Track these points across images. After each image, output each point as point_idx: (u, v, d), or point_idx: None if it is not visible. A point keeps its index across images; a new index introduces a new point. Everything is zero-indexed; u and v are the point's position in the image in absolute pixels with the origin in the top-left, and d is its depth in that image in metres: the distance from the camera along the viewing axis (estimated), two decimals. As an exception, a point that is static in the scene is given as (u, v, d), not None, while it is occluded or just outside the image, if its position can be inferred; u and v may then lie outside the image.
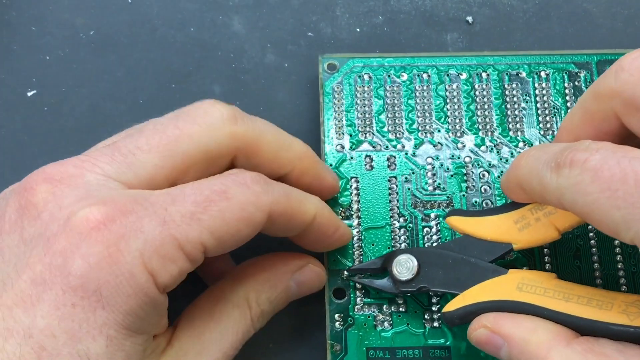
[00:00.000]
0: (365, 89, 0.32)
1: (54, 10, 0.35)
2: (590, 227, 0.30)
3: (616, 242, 0.30)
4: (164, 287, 0.22)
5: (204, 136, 0.24)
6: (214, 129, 0.24)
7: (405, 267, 0.28)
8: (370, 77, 0.32)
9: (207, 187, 0.23)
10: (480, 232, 0.27)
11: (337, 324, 0.29)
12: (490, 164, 0.30)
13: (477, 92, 0.31)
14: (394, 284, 0.28)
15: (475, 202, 0.30)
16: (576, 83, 0.32)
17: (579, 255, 0.29)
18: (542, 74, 0.32)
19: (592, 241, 0.29)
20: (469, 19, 0.35)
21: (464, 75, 0.32)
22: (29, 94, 0.34)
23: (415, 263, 0.28)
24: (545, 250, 0.29)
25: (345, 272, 0.29)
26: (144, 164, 0.23)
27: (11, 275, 0.21)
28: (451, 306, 0.26)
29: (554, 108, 0.31)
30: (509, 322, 0.24)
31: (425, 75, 0.32)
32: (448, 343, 0.29)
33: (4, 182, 0.32)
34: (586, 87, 0.32)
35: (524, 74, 0.32)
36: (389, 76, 0.31)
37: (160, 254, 0.21)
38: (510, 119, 0.31)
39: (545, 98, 0.31)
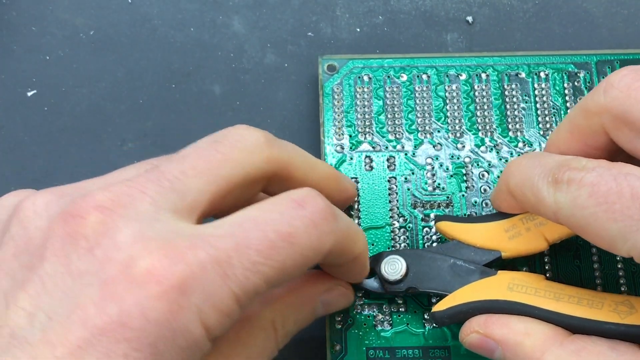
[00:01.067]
0: (365, 89, 0.31)
1: (54, 10, 0.35)
2: None
3: None
4: (214, 338, 0.20)
5: (244, 160, 0.22)
6: (253, 153, 0.23)
7: (393, 267, 0.27)
8: (369, 78, 0.32)
9: (273, 229, 0.20)
10: (470, 238, 0.27)
11: (336, 323, 0.29)
12: (490, 164, 0.30)
13: (476, 93, 0.31)
14: (382, 284, 0.28)
15: (475, 202, 0.30)
16: (575, 83, 0.31)
17: (579, 255, 0.29)
18: (542, 74, 0.31)
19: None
20: (469, 19, 0.34)
21: (464, 76, 0.31)
22: (29, 94, 0.34)
23: (404, 264, 0.27)
24: (545, 250, 0.29)
25: None
26: (190, 190, 0.21)
27: (58, 312, 0.19)
28: (441, 306, 0.26)
29: (553, 108, 0.31)
30: (500, 325, 0.24)
31: (424, 76, 0.31)
32: (448, 343, 0.28)
33: (4, 182, 0.32)
34: (585, 88, 0.31)
35: (523, 75, 0.31)
36: (388, 77, 0.31)
37: (218, 309, 0.20)
38: (509, 119, 0.31)
39: (544, 98, 0.31)
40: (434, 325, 0.28)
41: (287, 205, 0.21)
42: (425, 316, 0.29)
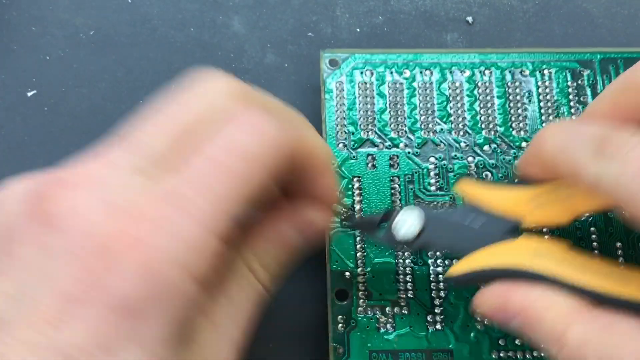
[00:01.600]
0: (367, 86, 0.31)
1: (54, 10, 0.34)
2: (590, 220, 0.29)
3: (619, 244, 0.29)
4: (202, 280, 0.20)
5: (203, 107, 0.22)
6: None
7: (407, 225, 0.25)
8: (372, 74, 0.31)
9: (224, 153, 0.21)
10: (491, 202, 0.25)
11: (339, 325, 0.28)
12: (493, 164, 0.29)
13: (480, 91, 0.30)
14: (391, 240, 0.25)
15: (479, 202, 0.29)
16: (579, 82, 0.31)
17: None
18: (545, 72, 0.30)
19: (595, 243, 0.28)
20: (469, 19, 0.34)
21: (467, 73, 0.31)
22: (29, 94, 0.33)
23: (418, 224, 0.25)
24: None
25: (347, 274, 0.28)
26: (156, 148, 0.21)
27: (35, 290, 0.18)
28: (457, 269, 0.24)
29: (557, 107, 0.30)
30: (522, 294, 0.22)
31: (428, 73, 0.30)
32: (451, 346, 0.27)
33: (3, 182, 0.31)
34: (589, 86, 0.31)
35: (527, 72, 0.31)
36: (391, 73, 0.30)
37: (196, 251, 0.19)
38: (513, 118, 0.30)
39: (548, 97, 0.30)
40: (438, 327, 0.28)
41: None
42: (428, 318, 0.28)
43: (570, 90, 0.31)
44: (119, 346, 0.18)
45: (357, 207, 0.29)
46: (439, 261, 0.29)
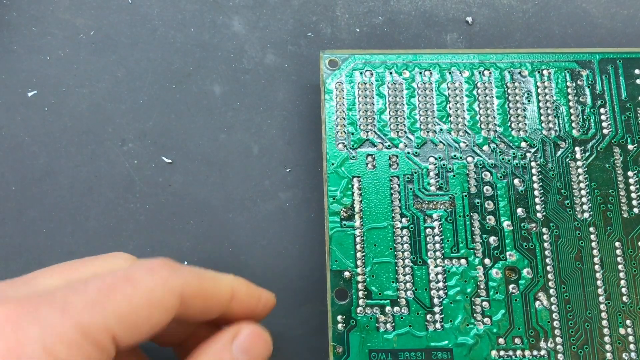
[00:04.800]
0: (367, 86, 0.30)
1: (54, 11, 0.33)
2: (592, 229, 0.29)
3: (617, 244, 0.28)
4: None
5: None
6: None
7: None
8: (372, 74, 0.30)
9: (111, 276, 0.21)
10: None
11: (339, 325, 0.28)
12: (492, 164, 0.29)
13: (479, 91, 0.30)
14: None
15: (478, 202, 0.28)
16: (578, 82, 0.30)
17: (580, 257, 0.28)
18: (545, 72, 0.30)
19: (593, 243, 0.28)
20: (469, 19, 0.33)
21: (466, 73, 0.30)
22: (30, 94, 0.33)
23: None
24: (547, 252, 0.28)
25: (346, 273, 0.28)
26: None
27: None
28: None
29: (556, 107, 0.29)
30: None
31: (427, 73, 0.30)
32: (450, 345, 0.27)
33: (4, 182, 0.30)
34: (588, 86, 0.30)
35: (526, 73, 0.30)
36: (390, 73, 0.30)
37: (64, 342, 0.20)
38: (512, 118, 0.29)
39: (547, 97, 0.30)
40: (437, 327, 0.28)
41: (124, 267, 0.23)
42: (428, 318, 0.27)
43: (569, 90, 0.30)
44: None
45: (357, 207, 0.28)
46: (438, 261, 0.28)
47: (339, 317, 0.28)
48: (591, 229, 0.28)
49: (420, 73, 0.30)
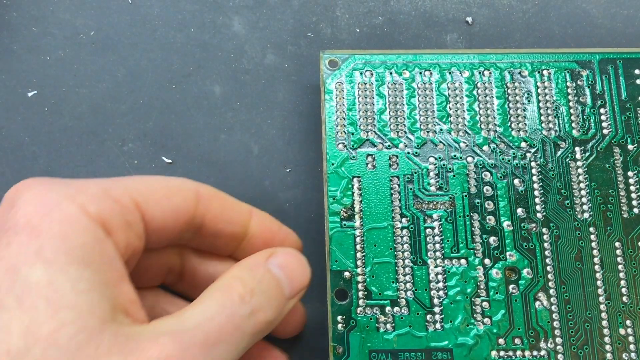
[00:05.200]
0: (367, 86, 0.30)
1: (54, 11, 0.33)
2: (592, 229, 0.29)
3: (617, 244, 0.29)
4: (98, 219, 0.22)
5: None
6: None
7: None
8: (372, 74, 0.30)
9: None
10: None
11: (339, 325, 0.28)
12: (492, 164, 0.29)
13: (479, 91, 0.30)
14: None
15: (478, 202, 0.28)
16: (578, 82, 0.30)
17: (580, 257, 0.28)
18: (545, 72, 0.30)
19: (593, 243, 0.28)
20: (469, 19, 0.33)
21: (466, 74, 0.30)
22: (30, 94, 0.33)
23: None
24: (547, 252, 0.27)
25: (346, 274, 0.28)
26: None
27: None
28: None
29: (556, 107, 0.29)
30: None
31: (427, 73, 0.30)
32: (450, 345, 0.27)
33: (4, 182, 0.30)
34: (588, 86, 0.30)
35: (526, 73, 0.30)
36: (390, 74, 0.30)
37: (87, 193, 0.22)
38: (512, 118, 0.29)
39: (547, 97, 0.30)
40: (437, 327, 0.28)
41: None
42: (428, 318, 0.27)
43: (569, 90, 0.30)
44: (20, 264, 0.21)
45: (357, 207, 0.28)
46: (438, 261, 0.28)
47: (339, 318, 0.28)
48: (591, 229, 0.28)
49: (420, 73, 0.30)
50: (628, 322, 0.28)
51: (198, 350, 0.21)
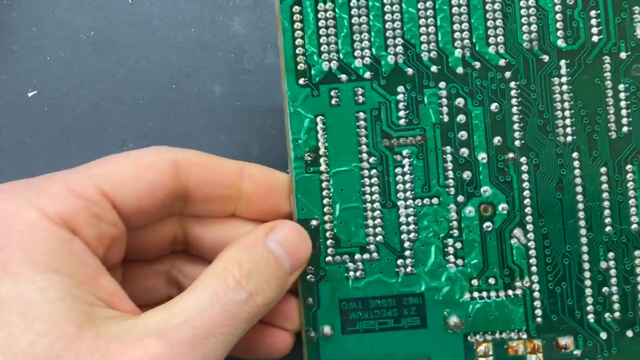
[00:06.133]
0: (328, 7, 0.31)
1: (54, 11, 0.40)
2: (575, 154, 0.30)
3: (603, 169, 0.30)
4: (61, 221, 0.24)
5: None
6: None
7: None
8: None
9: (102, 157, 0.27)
10: None
11: (308, 276, 0.32)
12: (464, 88, 0.31)
13: (452, 2, 0.31)
14: None
15: (450, 134, 0.28)
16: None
17: (561, 187, 0.31)
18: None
19: (576, 170, 0.32)
20: None
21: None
22: (30, 94, 0.39)
23: None
24: (525, 184, 0.29)
25: (313, 222, 0.32)
26: None
27: None
28: None
29: (539, 14, 0.31)
30: None
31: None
32: (422, 289, 0.29)
33: (4, 182, 0.36)
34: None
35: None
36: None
37: (48, 195, 0.24)
38: (490, 31, 0.30)
39: (530, 2, 0.30)
40: (408, 271, 0.31)
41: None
42: (398, 263, 0.31)
43: None
44: None
45: (322, 150, 0.29)
46: (408, 202, 0.29)
47: (308, 268, 0.32)
48: (574, 154, 0.31)
49: None
50: (610, 255, 0.31)
51: (186, 348, 0.23)
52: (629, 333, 0.30)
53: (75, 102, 0.39)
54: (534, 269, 0.30)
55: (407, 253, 0.31)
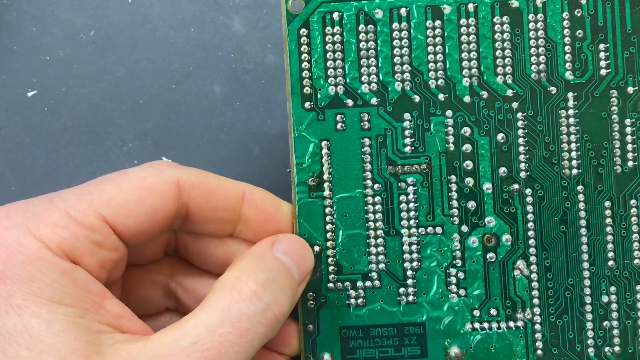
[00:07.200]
0: (335, 30, 0.33)
1: (54, 11, 0.42)
2: (580, 187, 0.32)
3: (607, 203, 0.32)
4: (61, 252, 0.25)
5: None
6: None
7: None
8: (340, 17, 0.33)
9: (103, 176, 0.28)
10: None
11: (309, 302, 0.34)
12: (472, 117, 0.32)
13: (461, 30, 0.33)
14: None
15: (456, 164, 0.30)
16: (576, 13, 0.32)
17: (565, 220, 0.32)
18: (538, 2, 0.31)
19: (581, 203, 0.33)
20: None
21: (447, 9, 0.33)
22: (29, 94, 0.41)
23: None
24: (529, 215, 0.31)
25: (316, 248, 0.33)
26: None
27: None
28: None
29: (548, 45, 0.33)
30: None
31: (403, 11, 0.33)
32: (424, 319, 0.30)
33: (4, 182, 0.39)
34: (587, 17, 0.32)
35: (516, 4, 0.32)
36: (361, 13, 0.33)
37: (48, 223, 0.25)
38: (498, 61, 0.33)
39: (539, 33, 0.33)
40: (410, 300, 0.32)
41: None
42: (400, 291, 0.33)
43: (564, 23, 0.32)
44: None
45: (326, 175, 0.31)
46: (412, 230, 0.31)
47: (309, 294, 0.34)
48: (579, 187, 0.32)
49: (396, 10, 0.33)
50: (612, 289, 0.32)
51: None
52: (629, 367, 0.35)
53: (75, 102, 0.40)
54: (535, 300, 0.32)
55: (410, 282, 0.32)
